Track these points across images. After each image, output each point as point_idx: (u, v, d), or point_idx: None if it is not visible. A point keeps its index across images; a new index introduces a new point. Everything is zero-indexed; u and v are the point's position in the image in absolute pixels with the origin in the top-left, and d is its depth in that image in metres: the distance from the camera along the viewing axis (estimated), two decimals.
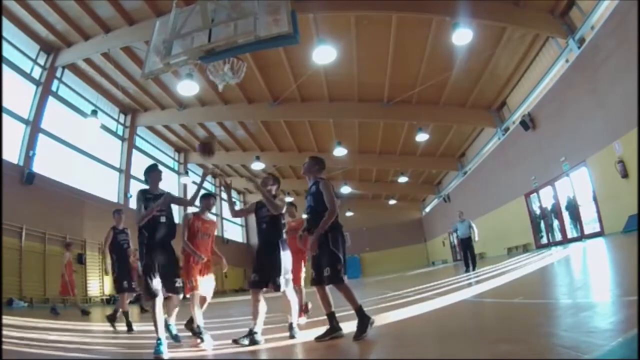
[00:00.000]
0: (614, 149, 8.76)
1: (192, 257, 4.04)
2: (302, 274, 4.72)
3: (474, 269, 10.04)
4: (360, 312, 2.94)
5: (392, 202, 28.92)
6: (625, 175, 8.42)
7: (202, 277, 4.25)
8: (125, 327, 5.38)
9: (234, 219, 28.82)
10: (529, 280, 5.69)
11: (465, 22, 9.32)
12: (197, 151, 3.93)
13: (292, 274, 3.65)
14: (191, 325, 4.21)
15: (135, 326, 5.49)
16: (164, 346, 2.91)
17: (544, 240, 13.38)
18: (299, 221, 4.90)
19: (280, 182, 3.95)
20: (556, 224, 12.58)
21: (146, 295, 3.24)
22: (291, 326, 3.42)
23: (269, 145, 18.97)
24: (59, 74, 13.18)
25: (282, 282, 3.43)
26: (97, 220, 12.48)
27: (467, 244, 10.64)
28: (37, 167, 11.81)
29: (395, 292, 7.00)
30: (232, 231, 28.09)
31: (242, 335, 3.26)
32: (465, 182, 20.37)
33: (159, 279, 3.16)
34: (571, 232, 11.76)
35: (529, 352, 1.85)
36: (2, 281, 8.64)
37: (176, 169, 21.19)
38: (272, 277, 3.43)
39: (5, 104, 10.56)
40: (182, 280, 3.23)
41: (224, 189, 3.83)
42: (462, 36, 9.39)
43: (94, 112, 12.61)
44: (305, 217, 3.67)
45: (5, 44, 10.74)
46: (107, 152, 15.93)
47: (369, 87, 13.82)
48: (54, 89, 13.07)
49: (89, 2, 10.31)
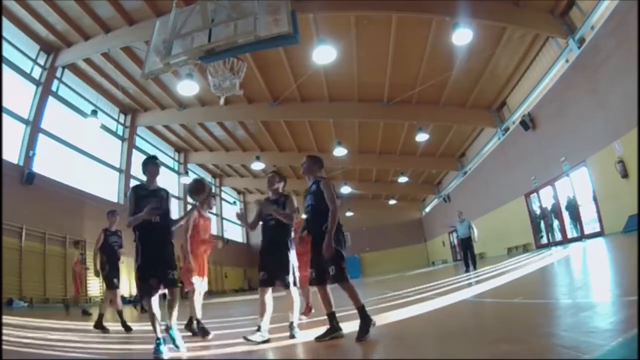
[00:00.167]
0: (614, 149, 8.76)
1: (186, 251, 4.20)
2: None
3: (474, 269, 10.06)
4: (362, 312, 2.92)
5: (392, 202, 28.93)
6: (625, 175, 8.43)
7: (200, 276, 4.33)
8: (121, 327, 5.27)
9: (234, 219, 28.84)
10: (529, 280, 5.68)
11: (465, 22, 9.33)
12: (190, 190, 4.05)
13: (299, 273, 3.68)
14: (191, 326, 4.22)
15: (135, 326, 5.49)
16: (163, 346, 2.90)
17: (544, 240, 13.38)
18: (299, 222, 4.91)
19: (286, 179, 3.94)
20: (556, 224, 12.58)
21: (141, 295, 3.20)
22: (292, 325, 3.41)
23: (269, 145, 18.98)
24: (59, 74, 13.20)
25: (291, 280, 3.46)
26: (97, 220, 12.30)
27: (467, 244, 10.71)
28: (37, 167, 11.83)
29: (395, 292, 6.99)
30: (232, 231, 28.09)
31: (251, 332, 3.26)
32: (465, 182, 20.36)
33: (154, 278, 3.11)
34: (571, 232, 11.76)
35: (529, 352, 1.85)
36: (2, 281, 8.65)
37: (176, 169, 21.19)
38: (281, 275, 3.44)
39: (5, 104, 10.58)
40: (177, 273, 3.20)
41: (238, 219, 3.86)
42: (462, 36, 9.40)
43: (94, 112, 12.62)
44: (304, 217, 3.66)
45: (5, 44, 10.76)
46: (107, 152, 15.95)
47: (369, 87, 13.83)
48: (54, 89, 13.09)
49: (89, 2, 10.32)
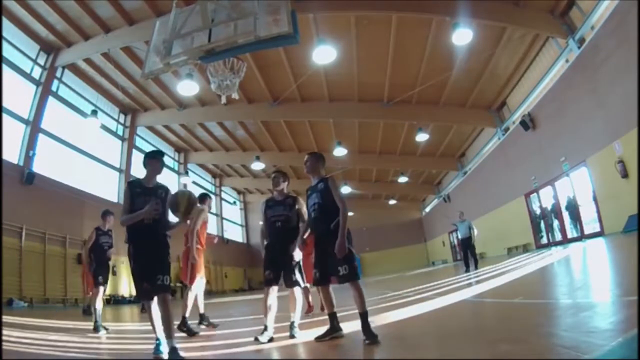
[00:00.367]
0: (614, 149, 8.76)
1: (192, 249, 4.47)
2: None
3: (475, 268, 10.07)
4: (364, 316, 2.82)
5: (392, 202, 28.92)
6: (625, 175, 8.43)
7: (200, 274, 4.52)
8: (92, 326, 5.09)
9: (234, 218, 28.91)
10: (529, 280, 5.69)
11: (465, 22, 9.33)
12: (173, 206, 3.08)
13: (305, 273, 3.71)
14: (184, 326, 4.23)
15: (135, 326, 5.48)
16: (163, 346, 2.90)
17: (544, 240, 13.38)
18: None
19: (289, 178, 3.93)
20: (556, 224, 12.58)
21: (139, 298, 3.13)
22: (292, 325, 3.40)
23: (269, 145, 18.98)
24: (59, 74, 13.19)
25: (299, 279, 3.48)
26: (97, 220, 12.20)
27: (467, 244, 10.74)
28: (37, 167, 11.82)
29: (395, 292, 7.00)
30: (232, 231, 28.08)
31: (260, 332, 3.26)
32: (465, 182, 20.36)
33: (147, 283, 2.94)
34: (571, 232, 11.76)
35: (529, 352, 1.85)
36: (2, 281, 8.65)
37: (176, 169, 21.19)
38: (288, 274, 3.44)
39: (5, 104, 10.57)
40: (169, 277, 2.95)
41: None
42: (462, 36, 9.40)
43: (94, 112, 12.62)
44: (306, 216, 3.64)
45: (5, 44, 10.75)
46: (107, 152, 15.94)
47: (369, 87, 13.82)
48: (54, 89, 13.07)
49: (89, 2, 10.31)
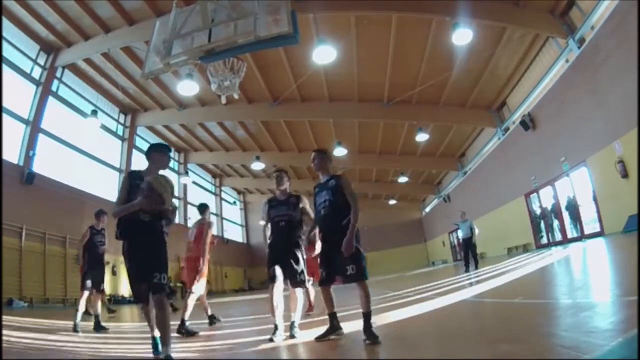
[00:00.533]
0: (614, 149, 8.76)
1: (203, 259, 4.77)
2: None
3: (476, 268, 10.08)
4: (368, 317, 2.81)
5: (392, 202, 28.92)
6: (625, 175, 8.42)
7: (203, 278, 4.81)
8: (72, 326, 5.06)
9: (234, 218, 28.92)
10: (529, 280, 5.69)
11: (465, 22, 9.33)
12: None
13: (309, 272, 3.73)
14: (182, 328, 4.27)
15: (136, 326, 5.48)
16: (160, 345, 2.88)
17: (544, 240, 13.37)
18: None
19: (289, 177, 3.93)
20: (556, 224, 12.58)
21: (136, 300, 2.91)
22: (292, 325, 3.40)
23: (269, 145, 18.98)
24: (59, 74, 13.19)
25: (305, 278, 3.48)
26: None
27: (468, 244, 10.75)
28: (37, 167, 11.82)
29: (395, 292, 6.99)
30: (232, 231, 28.08)
31: (272, 332, 3.25)
32: (465, 182, 20.36)
33: (145, 284, 2.73)
34: (571, 232, 11.76)
35: (529, 352, 1.85)
36: (2, 281, 8.65)
37: (176, 169, 21.18)
38: (293, 273, 3.43)
39: (5, 104, 10.57)
40: (166, 275, 2.74)
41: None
42: (462, 36, 9.40)
43: (94, 112, 12.63)
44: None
45: (5, 44, 10.75)
46: (107, 152, 15.94)
47: (369, 87, 13.82)
48: (54, 89, 13.07)
49: (89, 2, 10.31)
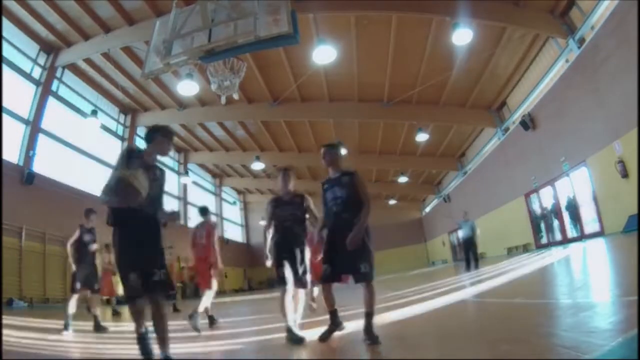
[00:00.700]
0: (614, 149, 8.76)
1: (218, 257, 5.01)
2: None
3: (476, 268, 10.08)
4: (370, 317, 2.77)
5: (392, 202, 28.92)
6: (625, 175, 8.42)
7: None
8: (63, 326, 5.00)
9: (234, 218, 28.92)
10: (529, 280, 5.69)
11: (465, 22, 9.33)
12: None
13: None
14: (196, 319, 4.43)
15: (134, 326, 5.47)
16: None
17: (544, 240, 13.37)
18: None
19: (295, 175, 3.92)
20: (556, 224, 12.58)
21: (126, 298, 2.58)
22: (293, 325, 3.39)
23: (269, 145, 18.98)
24: (59, 74, 13.19)
25: (308, 279, 3.46)
26: (97, 220, 12.36)
27: (469, 244, 10.76)
28: (37, 167, 11.82)
29: (395, 292, 7.00)
30: (232, 231, 28.08)
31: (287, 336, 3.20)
32: (465, 182, 20.35)
33: (134, 273, 2.47)
34: (571, 232, 11.75)
35: (529, 352, 1.85)
36: (2, 281, 8.65)
37: (176, 169, 21.19)
38: (298, 274, 3.41)
39: (5, 104, 10.57)
40: (166, 272, 2.53)
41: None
42: (462, 36, 9.40)
43: (94, 112, 12.63)
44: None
45: (5, 44, 10.75)
46: (107, 152, 15.93)
47: (369, 87, 13.82)
48: (54, 89, 13.07)
49: (89, 2, 10.31)
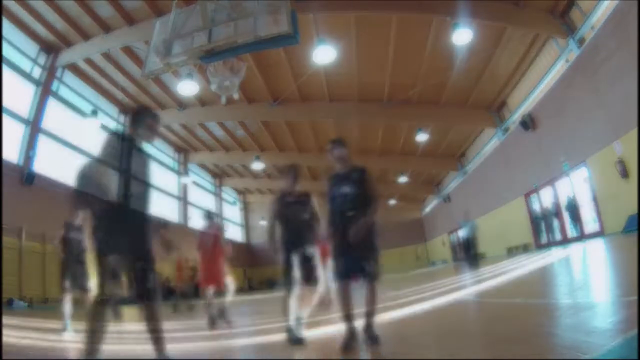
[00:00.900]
0: (614, 149, 8.76)
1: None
2: None
3: (477, 268, 10.08)
4: (372, 316, 2.72)
5: (392, 202, 28.90)
6: (625, 175, 8.43)
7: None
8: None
9: (234, 217, 28.90)
10: (529, 280, 5.69)
11: (465, 22, 9.33)
12: None
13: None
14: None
15: (136, 325, 5.47)
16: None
17: (544, 240, 13.38)
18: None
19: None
20: (556, 224, 12.58)
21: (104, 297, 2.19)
22: (299, 322, 3.37)
23: (269, 145, 18.98)
24: (59, 74, 13.18)
25: (319, 278, 3.40)
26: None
27: (470, 244, 10.78)
28: (37, 167, 11.82)
29: (395, 292, 6.99)
30: (232, 231, 28.04)
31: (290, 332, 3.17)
32: (465, 182, 20.36)
33: (114, 254, 2.19)
34: (571, 232, 11.75)
35: (529, 352, 1.85)
36: (2, 281, 8.65)
37: (176, 169, 21.18)
38: (309, 272, 3.34)
39: (5, 104, 10.56)
40: (156, 276, 2.32)
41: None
42: (462, 36, 9.41)
43: (94, 112, 12.62)
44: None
45: (5, 44, 10.74)
46: None
47: (369, 87, 13.82)
48: (54, 89, 13.07)
49: (89, 2, 10.31)
